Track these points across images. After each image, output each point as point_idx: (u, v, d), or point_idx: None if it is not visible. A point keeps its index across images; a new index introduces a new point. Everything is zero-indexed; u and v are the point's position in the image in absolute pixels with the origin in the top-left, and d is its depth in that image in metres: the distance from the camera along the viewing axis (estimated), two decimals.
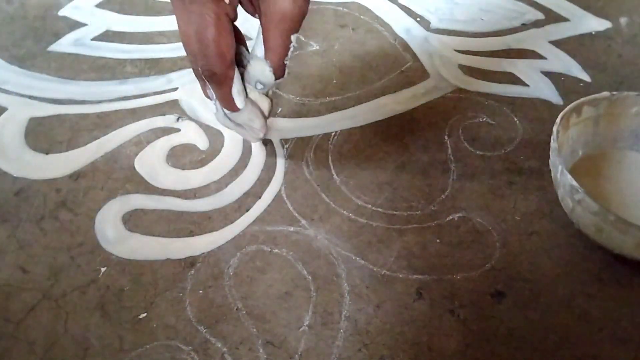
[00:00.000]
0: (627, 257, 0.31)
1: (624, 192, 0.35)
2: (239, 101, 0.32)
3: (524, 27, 0.51)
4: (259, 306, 0.31)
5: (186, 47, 0.29)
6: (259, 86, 0.32)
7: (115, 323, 0.30)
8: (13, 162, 0.38)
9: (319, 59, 0.47)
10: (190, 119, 0.42)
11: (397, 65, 0.47)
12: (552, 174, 0.33)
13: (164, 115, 0.42)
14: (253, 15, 0.31)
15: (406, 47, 0.49)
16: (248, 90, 0.32)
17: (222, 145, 0.40)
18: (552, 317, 0.30)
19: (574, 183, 0.30)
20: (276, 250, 0.33)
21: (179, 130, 0.41)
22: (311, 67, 0.47)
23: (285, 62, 0.31)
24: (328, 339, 0.29)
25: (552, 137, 0.33)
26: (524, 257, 0.33)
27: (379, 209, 0.35)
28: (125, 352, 0.28)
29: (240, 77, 0.31)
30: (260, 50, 0.31)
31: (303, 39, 0.49)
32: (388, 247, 0.33)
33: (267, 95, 0.34)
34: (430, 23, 0.52)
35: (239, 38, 0.31)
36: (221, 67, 0.29)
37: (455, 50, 0.48)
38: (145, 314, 0.30)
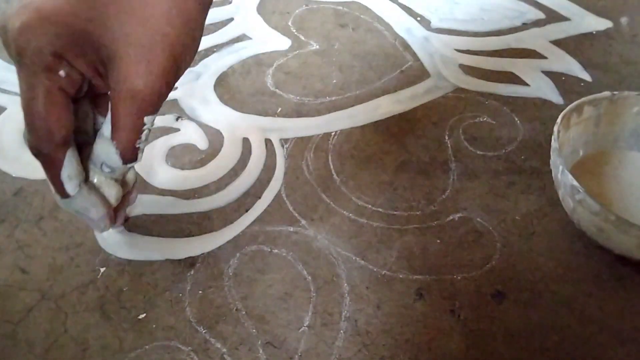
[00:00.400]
0: (628, 257, 0.31)
1: (624, 192, 0.35)
2: (69, 186, 0.27)
3: (525, 26, 0.51)
4: (258, 306, 0.30)
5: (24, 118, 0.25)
6: (106, 169, 0.28)
7: (115, 323, 0.30)
8: (12, 162, 0.38)
9: (319, 58, 0.47)
10: (190, 118, 0.42)
11: (398, 64, 0.47)
12: (553, 174, 0.33)
13: (163, 115, 0.42)
14: (104, 91, 0.27)
15: (406, 46, 0.49)
16: (92, 174, 0.28)
17: (222, 145, 0.40)
18: (553, 317, 0.30)
19: (575, 183, 0.30)
20: (276, 251, 0.33)
21: (178, 130, 0.41)
22: (311, 66, 0.47)
23: (137, 146, 0.26)
24: (328, 340, 0.29)
25: (552, 137, 0.33)
26: (525, 257, 0.33)
27: (379, 209, 0.35)
28: (125, 352, 0.28)
29: (74, 160, 0.27)
30: (107, 130, 0.26)
31: (303, 38, 0.49)
32: (388, 248, 0.33)
33: (117, 180, 0.29)
34: (430, 22, 0.52)
35: (101, 110, 0.28)
36: (47, 146, 0.25)
37: (456, 50, 0.48)
38: (144, 315, 0.30)
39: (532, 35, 0.50)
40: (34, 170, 0.38)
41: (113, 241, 0.33)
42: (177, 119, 0.41)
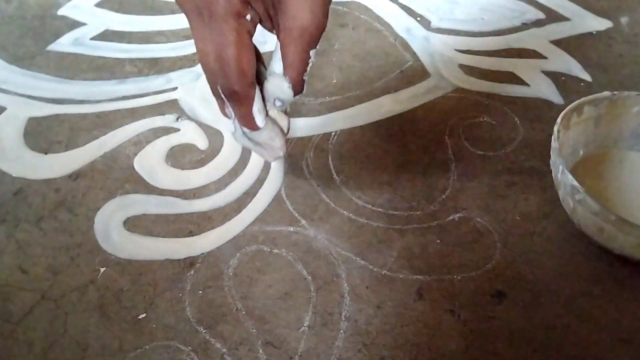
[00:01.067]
0: (628, 257, 0.31)
1: (624, 192, 0.35)
2: (259, 120, 0.30)
3: (525, 26, 0.51)
4: (258, 306, 0.30)
5: (204, 65, 0.28)
6: (277, 103, 0.31)
7: (115, 323, 0.30)
8: (12, 162, 0.38)
9: (319, 58, 0.47)
10: (190, 118, 0.42)
11: (398, 64, 0.47)
12: (553, 174, 0.33)
13: (164, 114, 0.42)
14: (270, 31, 0.30)
15: (406, 46, 0.49)
16: (267, 108, 0.31)
17: (222, 145, 0.40)
18: (553, 317, 0.30)
19: (575, 183, 0.30)
20: (276, 251, 0.33)
21: (178, 130, 0.41)
22: (311, 66, 0.46)
23: (304, 78, 0.30)
24: (328, 340, 0.29)
25: (552, 137, 0.33)
26: (525, 257, 0.33)
27: (379, 209, 0.35)
28: (125, 352, 0.28)
29: (260, 95, 0.30)
30: (278, 67, 0.30)
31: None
32: (388, 247, 0.33)
33: (285, 112, 0.32)
34: (430, 22, 0.51)
35: (258, 56, 0.30)
36: (242, 85, 0.28)
37: (456, 50, 0.48)
38: (144, 315, 0.30)
39: (532, 35, 0.50)
40: (34, 170, 0.38)
41: (113, 241, 0.33)
42: (177, 119, 0.41)
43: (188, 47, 0.48)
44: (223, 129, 0.41)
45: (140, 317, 0.30)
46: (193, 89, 0.44)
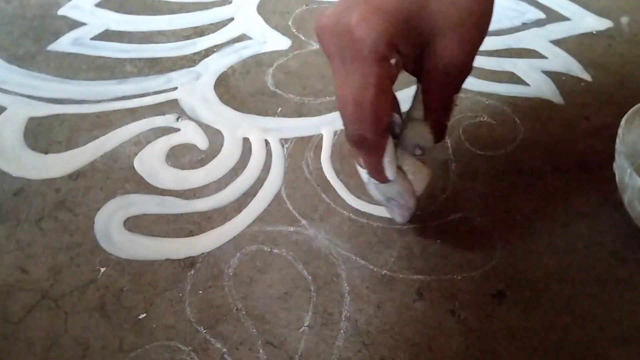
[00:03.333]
0: None
1: None
2: (389, 172, 0.28)
3: (525, 26, 0.51)
4: (258, 306, 0.30)
5: (341, 110, 0.26)
6: (418, 151, 0.29)
7: (115, 323, 0.30)
8: (12, 162, 0.38)
9: (319, 58, 0.47)
10: (190, 118, 0.42)
11: None
12: (617, 177, 0.32)
13: (164, 114, 0.42)
14: (412, 74, 0.28)
15: None
16: (401, 159, 0.29)
17: (222, 145, 0.40)
18: (553, 317, 0.30)
19: None
20: (276, 251, 0.33)
21: (178, 130, 0.41)
22: (311, 66, 0.46)
23: (446, 123, 0.29)
24: (328, 340, 0.29)
25: (617, 140, 0.32)
26: (525, 257, 0.33)
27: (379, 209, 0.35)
28: (125, 352, 0.28)
29: (393, 147, 0.28)
30: (418, 113, 0.28)
31: (303, 38, 0.49)
32: (388, 247, 0.33)
33: (424, 163, 0.31)
34: None
35: (394, 104, 0.29)
36: (374, 133, 0.26)
37: None
38: (144, 315, 0.30)
39: (532, 35, 0.50)
40: (34, 170, 0.38)
41: (113, 241, 0.33)
42: (177, 119, 0.41)
43: (188, 47, 0.48)
44: (223, 129, 0.41)
45: (140, 317, 0.30)
46: (193, 89, 0.44)
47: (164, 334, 0.29)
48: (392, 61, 0.25)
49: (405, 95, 0.30)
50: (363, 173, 0.30)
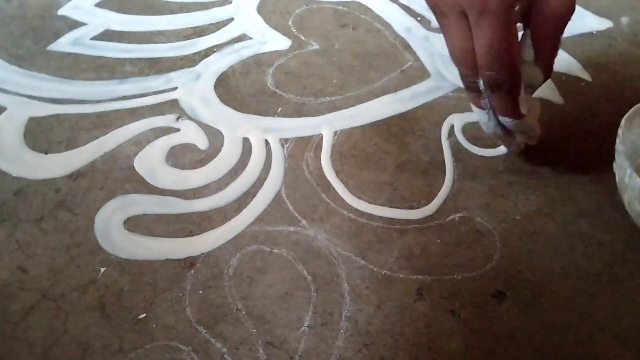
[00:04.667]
0: None
1: None
2: (524, 108, 0.32)
3: None
4: (258, 306, 0.30)
5: (464, 60, 0.30)
6: (528, 90, 0.33)
7: (115, 323, 0.30)
8: (12, 162, 0.38)
9: (319, 58, 0.47)
10: (190, 118, 0.42)
11: (398, 64, 0.47)
12: (617, 177, 0.33)
13: (164, 114, 0.42)
14: (522, 21, 0.32)
15: (407, 46, 0.49)
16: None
17: (222, 145, 0.40)
18: (553, 317, 0.30)
19: None
20: (276, 250, 0.33)
21: (178, 130, 0.41)
22: (311, 66, 0.46)
23: (553, 63, 0.32)
24: (328, 340, 0.29)
25: (617, 140, 0.32)
26: (525, 257, 0.33)
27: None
28: (125, 352, 0.28)
29: (522, 85, 0.32)
30: (528, 55, 0.31)
31: (303, 38, 0.49)
32: (388, 247, 0.33)
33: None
34: (431, 22, 0.51)
35: None
36: (512, 75, 0.30)
37: None
38: (144, 315, 0.30)
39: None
40: (34, 170, 0.38)
41: (113, 241, 0.33)
42: (177, 119, 0.41)
43: (188, 47, 0.48)
44: (223, 129, 0.41)
45: (140, 317, 0.30)
46: (193, 89, 0.44)
47: (164, 334, 0.29)
48: (516, 8, 0.29)
49: None
50: (482, 114, 0.34)
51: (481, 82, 0.31)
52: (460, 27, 0.29)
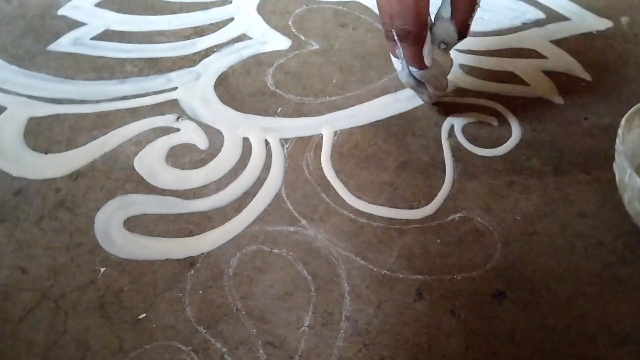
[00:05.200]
0: None
1: None
2: (427, 59, 0.35)
3: (525, 26, 0.51)
4: (258, 306, 0.30)
5: (383, 9, 0.33)
6: (442, 46, 0.35)
7: (115, 323, 0.30)
8: (12, 162, 0.38)
9: (319, 58, 0.47)
10: (190, 118, 0.42)
11: None
12: (617, 177, 0.33)
13: (164, 114, 0.42)
14: None
15: None
16: (432, 50, 0.35)
17: (222, 145, 0.40)
18: (553, 317, 0.30)
19: None
20: (276, 251, 0.33)
21: (178, 130, 0.41)
22: (311, 66, 0.46)
23: (470, 23, 0.34)
24: (328, 340, 0.29)
25: (617, 140, 0.32)
26: (525, 257, 0.33)
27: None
28: (125, 352, 0.28)
29: (430, 38, 0.34)
30: (446, 12, 0.34)
31: (303, 38, 0.49)
32: (388, 247, 0.33)
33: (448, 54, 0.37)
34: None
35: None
36: (418, 26, 0.33)
37: (456, 50, 0.48)
38: (144, 315, 0.30)
39: (532, 35, 0.50)
40: (34, 170, 0.38)
41: (113, 241, 0.33)
42: (177, 119, 0.41)
43: (188, 47, 0.48)
44: (223, 129, 0.41)
45: (140, 317, 0.30)
46: (193, 89, 0.44)
47: (164, 334, 0.29)
48: None
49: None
50: (397, 62, 0.37)
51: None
52: None
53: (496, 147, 0.39)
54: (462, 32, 0.35)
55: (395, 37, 0.34)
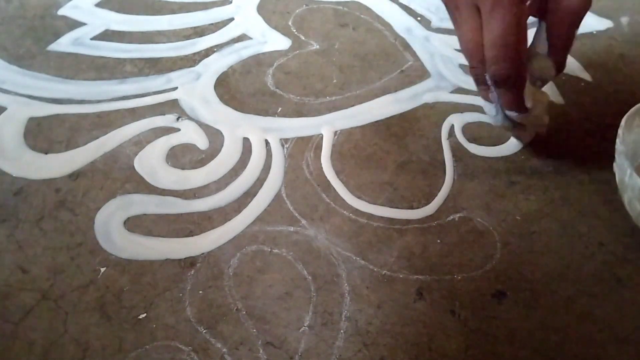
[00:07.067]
0: None
1: None
2: (528, 101, 0.33)
3: None
4: (259, 306, 0.30)
5: (472, 54, 0.31)
6: (538, 84, 0.33)
7: (115, 323, 0.30)
8: (12, 162, 0.38)
9: (319, 58, 0.47)
10: (190, 118, 0.42)
11: (398, 64, 0.47)
12: (617, 177, 0.33)
13: (164, 114, 0.42)
14: (535, 16, 0.32)
15: (407, 46, 0.49)
16: (528, 89, 0.33)
17: (222, 145, 0.40)
18: (553, 317, 0.30)
19: None
20: (276, 251, 0.33)
21: (178, 130, 0.41)
22: (311, 66, 0.46)
23: (566, 57, 0.33)
24: (328, 340, 0.29)
25: (617, 140, 0.32)
26: (525, 257, 0.33)
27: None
28: (125, 352, 0.28)
29: (528, 78, 0.32)
30: (542, 48, 0.32)
31: (303, 38, 0.49)
32: (388, 247, 0.33)
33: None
34: (431, 22, 0.51)
35: None
36: (518, 69, 0.30)
37: (456, 50, 0.48)
38: (144, 315, 0.30)
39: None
40: (34, 170, 0.38)
41: (113, 241, 0.33)
42: (177, 119, 0.41)
43: (188, 47, 0.48)
44: (223, 129, 0.41)
45: (140, 317, 0.30)
46: (193, 89, 0.44)
47: (164, 334, 0.29)
48: (527, 3, 0.29)
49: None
50: (489, 107, 0.35)
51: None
52: (472, 20, 0.30)
53: (496, 147, 0.39)
54: (560, 67, 0.33)
55: (490, 82, 0.32)
